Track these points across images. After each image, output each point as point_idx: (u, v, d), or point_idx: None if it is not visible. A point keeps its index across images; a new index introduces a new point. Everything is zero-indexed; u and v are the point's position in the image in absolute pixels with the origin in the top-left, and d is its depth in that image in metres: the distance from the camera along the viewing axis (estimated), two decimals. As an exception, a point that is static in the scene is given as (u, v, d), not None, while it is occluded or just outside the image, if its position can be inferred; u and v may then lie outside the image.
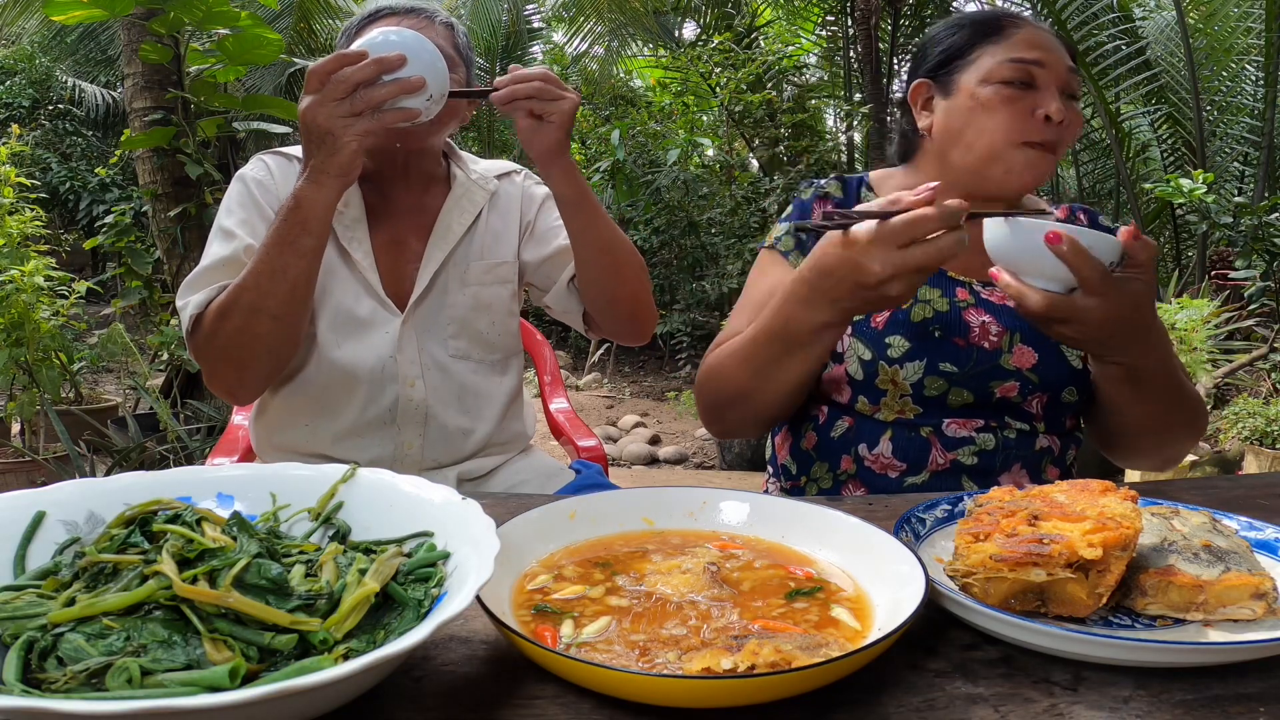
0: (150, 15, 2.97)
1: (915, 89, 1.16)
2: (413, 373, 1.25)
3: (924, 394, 1.09)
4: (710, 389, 1.10)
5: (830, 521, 0.70)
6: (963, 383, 1.08)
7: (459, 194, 1.33)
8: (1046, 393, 1.11)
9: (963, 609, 0.58)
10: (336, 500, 0.66)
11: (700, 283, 6.84)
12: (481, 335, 1.31)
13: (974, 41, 1.11)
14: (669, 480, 4.38)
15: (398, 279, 1.27)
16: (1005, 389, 1.09)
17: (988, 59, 1.09)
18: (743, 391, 1.05)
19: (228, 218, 1.24)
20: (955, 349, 1.09)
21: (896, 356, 1.09)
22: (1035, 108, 1.06)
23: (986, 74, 1.08)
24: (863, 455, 1.12)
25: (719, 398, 1.09)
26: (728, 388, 1.06)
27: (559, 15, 9.78)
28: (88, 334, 4.65)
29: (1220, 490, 0.95)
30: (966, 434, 1.10)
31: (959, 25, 1.15)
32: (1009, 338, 1.10)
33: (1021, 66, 1.06)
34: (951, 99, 1.11)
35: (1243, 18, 6.00)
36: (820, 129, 7.65)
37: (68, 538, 0.58)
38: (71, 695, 0.43)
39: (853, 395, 1.12)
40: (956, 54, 1.12)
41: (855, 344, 1.11)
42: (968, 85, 1.09)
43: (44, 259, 3.50)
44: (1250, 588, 0.59)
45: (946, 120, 1.12)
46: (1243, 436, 3.61)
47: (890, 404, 1.10)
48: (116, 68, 8.69)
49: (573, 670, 0.50)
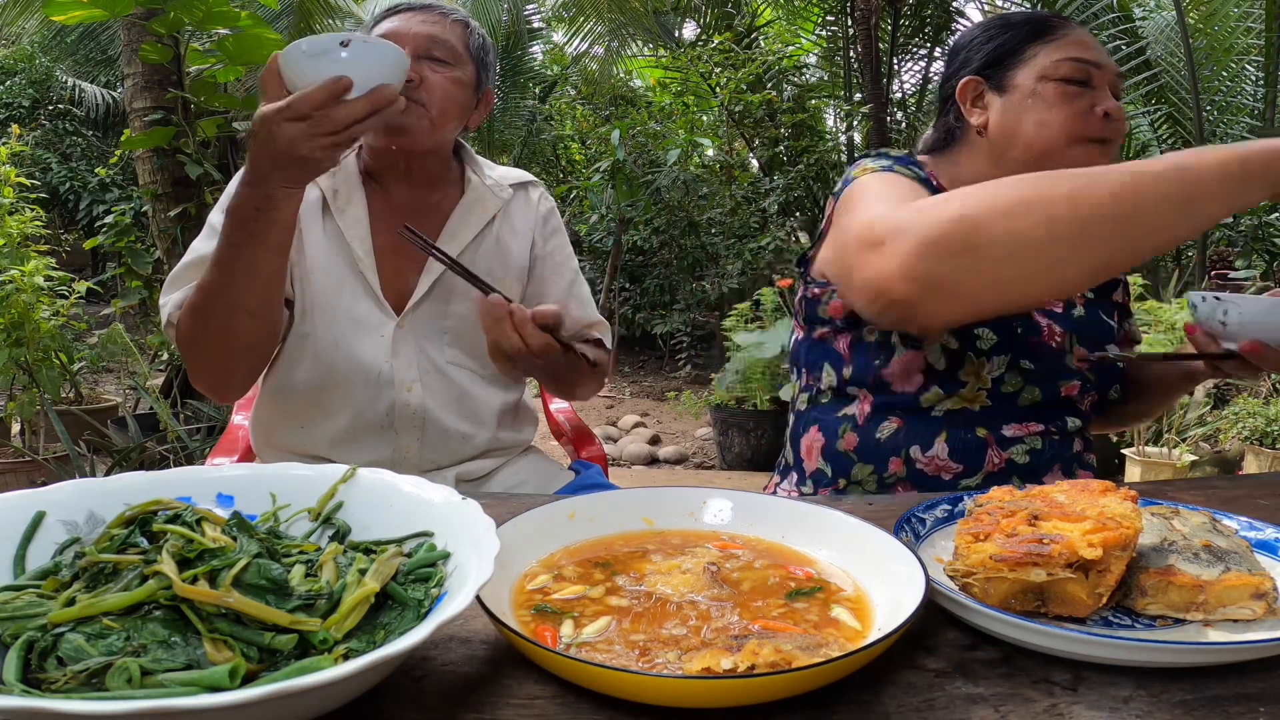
0: (150, 15, 2.97)
1: (965, 85, 1.16)
2: (410, 377, 1.23)
3: (1001, 389, 1.10)
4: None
5: (830, 521, 0.70)
6: (1036, 380, 1.11)
7: (471, 199, 1.30)
8: (1098, 391, 1.17)
9: (963, 609, 0.58)
10: (336, 500, 0.66)
11: (700, 283, 6.84)
12: (478, 349, 1.28)
13: (1027, 40, 1.13)
14: (669, 480, 4.38)
15: (398, 281, 1.25)
16: (1069, 388, 1.13)
17: (1044, 57, 1.11)
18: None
19: (217, 214, 1.22)
20: (1034, 347, 1.11)
21: (985, 349, 1.09)
22: (1094, 104, 1.09)
23: (1046, 71, 1.10)
24: (915, 457, 1.11)
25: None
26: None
27: (559, 15, 9.77)
28: (88, 334, 4.64)
29: (1220, 490, 0.95)
30: (1021, 434, 1.11)
31: (1007, 24, 1.17)
32: (1070, 339, 1.13)
33: (1082, 65, 1.09)
34: (1008, 95, 1.13)
35: (1243, 18, 6.00)
36: (820, 129, 7.64)
37: (68, 538, 0.58)
38: (71, 695, 0.43)
39: (924, 384, 1.11)
40: (1009, 52, 1.14)
41: (940, 332, 1.09)
42: (1025, 82, 1.11)
43: (44, 259, 3.50)
44: (1250, 588, 0.59)
45: (1003, 116, 1.13)
46: (1243, 436, 3.61)
47: (966, 395, 1.10)
48: (116, 68, 8.69)
49: (573, 670, 0.50)
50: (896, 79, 7.20)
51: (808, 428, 1.22)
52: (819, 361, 1.21)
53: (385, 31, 1.22)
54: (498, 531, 0.57)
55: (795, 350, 1.27)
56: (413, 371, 1.24)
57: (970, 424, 1.11)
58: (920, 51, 7.41)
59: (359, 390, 1.21)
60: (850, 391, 1.17)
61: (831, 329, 1.18)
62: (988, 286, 0.80)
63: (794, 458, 1.25)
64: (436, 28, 1.22)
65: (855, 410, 1.16)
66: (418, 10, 1.24)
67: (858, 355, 1.15)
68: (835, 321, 1.17)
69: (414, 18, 1.22)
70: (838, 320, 1.17)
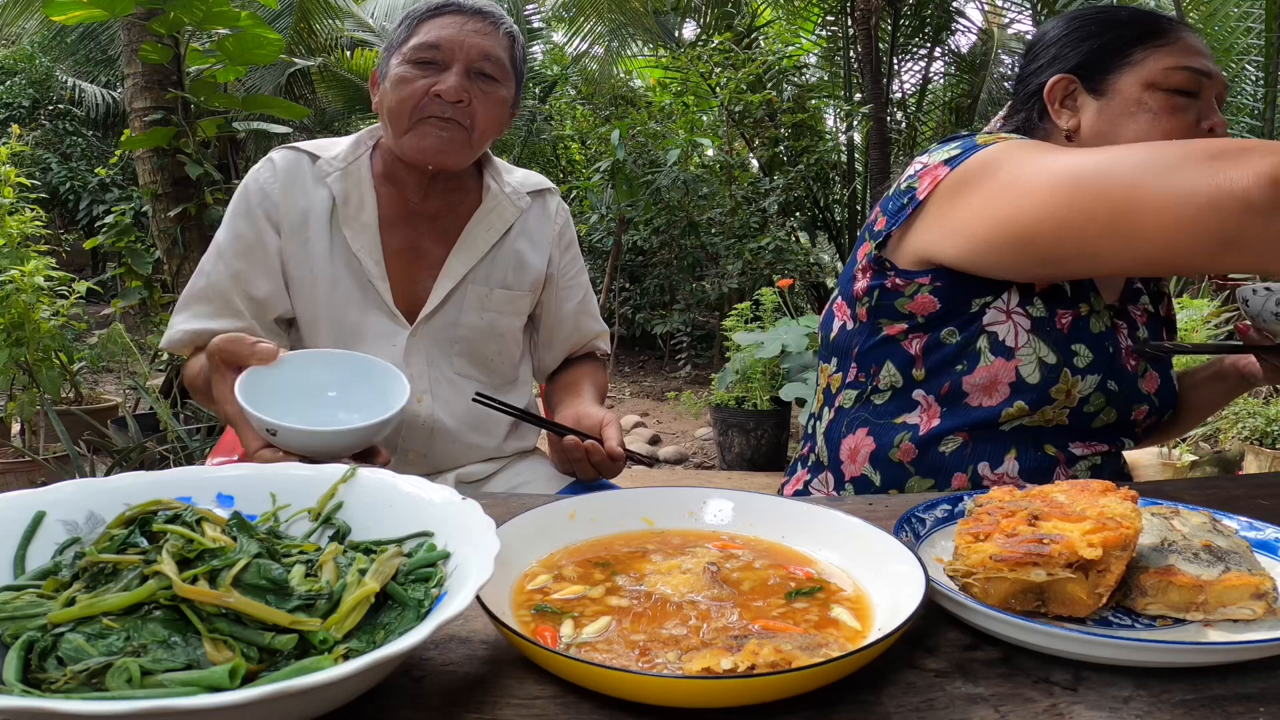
0: (150, 15, 2.97)
1: (1055, 84, 1.08)
2: (420, 387, 1.22)
3: (1084, 409, 1.04)
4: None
5: (830, 521, 0.70)
6: (1116, 402, 1.06)
7: (489, 207, 1.27)
8: (1158, 416, 1.13)
9: (963, 609, 0.58)
10: (336, 500, 0.66)
11: (700, 283, 6.84)
12: (488, 361, 1.28)
13: (1135, 42, 1.04)
14: (669, 480, 4.38)
15: (410, 288, 1.24)
16: (1140, 412, 1.09)
17: (1154, 62, 1.03)
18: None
19: (223, 231, 1.22)
20: (1121, 368, 1.06)
21: (1082, 366, 1.02)
22: (1201, 119, 1.02)
23: (1155, 78, 1.02)
24: (983, 474, 1.05)
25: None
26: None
27: (559, 15, 9.77)
28: (88, 334, 4.64)
29: (1220, 490, 0.95)
30: (1086, 453, 1.07)
31: (1111, 22, 1.07)
32: (1142, 364, 1.10)
33: (1194, 76, 1.02)
34: (1106, 99, 1.05)
35: (1243, 18, 6.00)
36: (820, 129, 7.64)
37: (68, 537, 0.58)
38: (71, 695, 0.43)
39: (1009, 398, 1.03)
40: (1113, 53, 1.05)
41: (1037, 344, 1.02)
42: (1129, 88, 1.03)
43: (44, 259, 3.50)
44: (1250, 588, 0.59)
45: (1099, 122, 1.05)
46: (1243, 436, 3.61)
47: (1048, 413, 1.04)
48: (116, 68, 8.69)
49: (573, 670, 0.50)
50: (896, 79, 7.20)
51: (854, 428, 1.13)
52: (880, 358, 1.10)
53: (435, 38, 1.16)
54: (498, 531, 0.57)
55: (844, 340, 1.16)
56: (423, 382, 1.22)
57: (1039, 441, 1.05)
58: (920, 51, 7.41)
59: None
60: (915, 396, 1.08)
61: (908, 325, 1.07)
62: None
63: (830, 457, 1.16)
64: (489, 40, 1.17)
65: (918, 419, 1.08)
66: (470, 16, 1.17)
67: (932, 357, 1.06)
68: (916, 318, 1.06)
69: (467, 25, 1.16)
70: (919, 317, 1.06)
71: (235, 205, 1.23)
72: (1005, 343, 1.02)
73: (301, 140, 1.29)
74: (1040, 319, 1.03)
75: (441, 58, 1.15)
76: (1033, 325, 1.03)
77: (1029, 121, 1.13)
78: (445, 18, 1.17)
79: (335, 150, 1.26)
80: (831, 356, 1.19)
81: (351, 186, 1.23)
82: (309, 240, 1.21)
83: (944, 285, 1.03)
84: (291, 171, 1.24)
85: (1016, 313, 1.03)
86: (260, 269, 1.20)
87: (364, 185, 1.23)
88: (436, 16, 1.17)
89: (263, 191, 1.22)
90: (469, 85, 1.15)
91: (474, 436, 1.26)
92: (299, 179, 1.23)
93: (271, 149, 1.28)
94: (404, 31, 1.20)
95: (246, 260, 1.20)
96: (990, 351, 1.03)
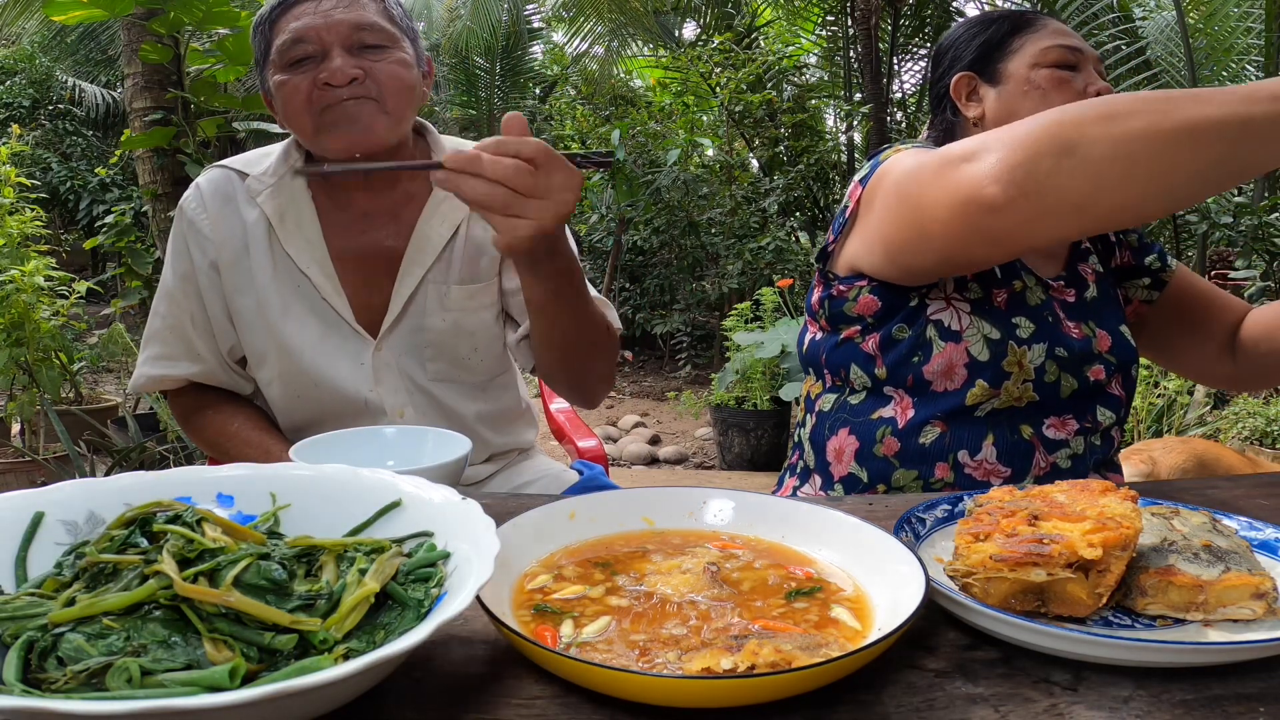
0: (150, 15, 2.97)
1: (959, 82, 1.19)
2: (399, 402, 1.15)
3: (1044, 379, 1.09)
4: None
5: (830, 521, 0.70)
6: (1069, 367, 1.10)
7: (440, 196, 1.15)
8: (1121, 372, 1.16)
9: (963, 609, 0.58)
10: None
11: (700, 283, 6.84)
12: (464, 360, 1.19)
13: (1011, 34, 1.17)
14: (669, 480, 4.38)
15: (368, 299, 1.15)
16: (1095, 372, 1.13)
17: (1031, 45, 1.15)
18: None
19: (167, 270, 1.18)
20: (1064, 334, 1.11)
21: (1025, 337, 1.08)
22: (1086, 86, 1.12)
23: (1036, 59, 1.13)
24: (963, 462, 1.09)
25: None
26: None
27: (559, 15, 9.77)
28: (88, 334, 4.65)
29: (1220, 490, 0.95)
30: (1063, 436, 1.11)
31: (988, 21, 1.21)
32: (1087, 326, 1.14)
33: (1066, 51, 1.13)
34: (1002, 85, 1.16)
35: (1243, 18, 6.00)
36: (820, 129, 7.64)
37: (69, 541, 0.58)
38: (71, 695, 0.43)
39: (968, 379, 1.08)
40: (996, 45, 1.18)
41: (980, 323, 1.08)
42: (1018, 71, 1.15)
43: (44, 259, 3.50)
44: (1250, 588, 0.59)
45: (1000, 105, 1.16)
46: (1243, 436, 3.61)
47: (1011, 389, 1.08)
48: (116, 68, 8.69)
49: (573, 670, 0.50)
50: (896, 79, 7.19)
51: (835, 430, 1.17)
52: (846, 362, 1.16)
53: (298, 30, 1.05)
54: (498, 531, 0.57)
55: (813, 351, 1.22)
56: (400, 396, 1.16)
57: (1014, 423, 1.09)
58: (920, 51, 7.40)
59: (350, 422, 1.09)
60: (886, 392, 1.13)
61: (860, 327, 1.14)
62: (1087, 192, 0.76)
63: (817, 461, 1.20)
64: (354, 11, 1.06)
65: (894, 413, 1.12)
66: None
67: (890, 354, 1.12)
68: (865, 319, 1.13)
69: (323, 4, 1.05)
70: (867, 318, 1.13)
71: (173, 242, 1.17)
72: (951, 328, 1.09)
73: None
74: (978, 300, 1.10)
75: (314, 49, 1.05)
76: (972, 307, 1.10)
77: (946, 122, 1.23)
78: (297, 7, 1.06)
79: (265, 164, 1.17)
80: (808, 368, 1.27)
81: (286, 201, 1.14)
82: (251, 268, 1.13)
83: (877, 284, 1.11)
84: (221, 195, 1.15)
85: (955, 298, 1.10)
86: (214, 307, 1.15)
87: (299, 196, 1.14)
88: (286, 11, 1.07)
89: (193, 225, 1.15)
90: (357, 61, 1.05)
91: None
92: (230, 201, 1.15)
93: (209, 166, 1.21)
94: (261, 41, 1.10)
95: (196, 301, 1.15)
96: (940, 339, 1.09)
